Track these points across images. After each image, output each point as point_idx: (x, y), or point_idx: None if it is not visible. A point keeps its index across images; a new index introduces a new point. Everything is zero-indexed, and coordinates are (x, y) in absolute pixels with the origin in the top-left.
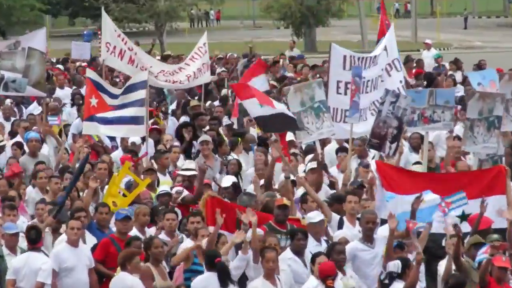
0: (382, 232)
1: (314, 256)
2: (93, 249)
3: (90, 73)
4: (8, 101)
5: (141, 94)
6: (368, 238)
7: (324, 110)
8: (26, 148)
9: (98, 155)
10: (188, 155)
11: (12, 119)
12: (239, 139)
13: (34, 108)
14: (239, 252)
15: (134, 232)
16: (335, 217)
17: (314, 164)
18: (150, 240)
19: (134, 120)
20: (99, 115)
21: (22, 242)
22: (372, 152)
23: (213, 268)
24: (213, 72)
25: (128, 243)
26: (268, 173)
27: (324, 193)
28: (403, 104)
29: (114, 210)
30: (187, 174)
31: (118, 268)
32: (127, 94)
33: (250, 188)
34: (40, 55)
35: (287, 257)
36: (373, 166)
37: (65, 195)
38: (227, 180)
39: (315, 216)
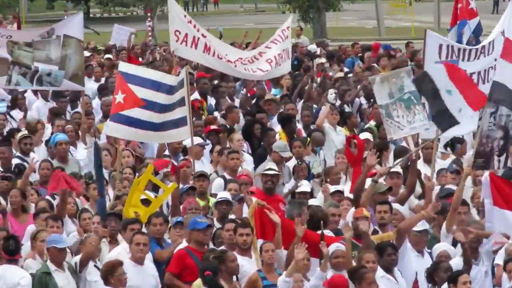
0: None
1: (457, 275)
2: (167, 263)
3: (123, 66)
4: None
5: (181, 93)
6: (472, 252)
7: (416, 102)
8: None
9: (140, 160)
10: (259, 157)
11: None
12: (308, 138)
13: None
14: (317, 269)
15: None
16: None
17: (398, 168)
18: (223, 253)
19: (176, 124)
20: (125, 112)
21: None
22: None
23: (205, 283)
24: None
25: (207, 257)
26: (360, 183)
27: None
28: (505, 111)
29: None
30: (270, 173)
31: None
32: (163, 93)
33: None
34: (77, 43)
35: (379, 276)
36: (484, 180)
37: (102, 200)
38: (306, 185)
39: (419, 224)
